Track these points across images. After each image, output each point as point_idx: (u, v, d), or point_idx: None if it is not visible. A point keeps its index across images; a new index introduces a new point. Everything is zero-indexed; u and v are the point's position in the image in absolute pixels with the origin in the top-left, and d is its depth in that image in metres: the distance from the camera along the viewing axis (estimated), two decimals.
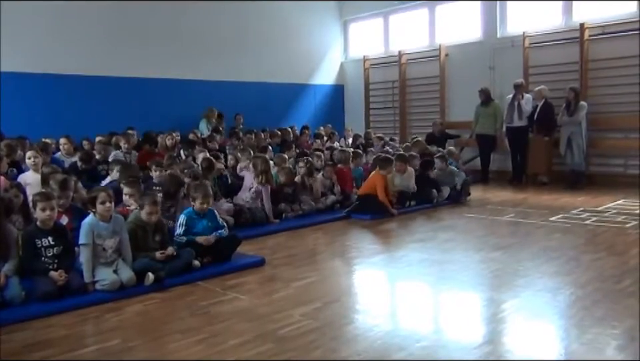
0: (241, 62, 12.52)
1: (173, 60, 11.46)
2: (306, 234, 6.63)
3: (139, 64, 11.01)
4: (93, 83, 10.46)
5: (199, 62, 11.83)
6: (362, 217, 7.31)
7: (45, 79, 9.94)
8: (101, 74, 10.52)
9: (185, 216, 5.15)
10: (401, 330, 3.63)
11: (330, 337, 3.43)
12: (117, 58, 10.72)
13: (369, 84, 14.17)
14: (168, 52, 11.37)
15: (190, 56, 11.71)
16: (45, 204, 4.26)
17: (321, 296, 4.26)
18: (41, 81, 9.90)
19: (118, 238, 4.46)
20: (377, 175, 7.62)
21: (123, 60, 10.81)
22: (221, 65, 12.16)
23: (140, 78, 11.02)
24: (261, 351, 3.20)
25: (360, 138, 11.71)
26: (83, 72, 10.31)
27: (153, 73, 11.16)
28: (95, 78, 10.47)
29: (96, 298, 4.18)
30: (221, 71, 12.15)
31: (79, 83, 10.31)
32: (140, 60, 11.03)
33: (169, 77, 11.39)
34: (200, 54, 11.86)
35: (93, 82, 10.46)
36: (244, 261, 5.15)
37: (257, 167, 7.06)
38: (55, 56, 10.03)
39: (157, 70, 11.21)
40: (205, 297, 4.27)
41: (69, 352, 3.29)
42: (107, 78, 10.62)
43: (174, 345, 3.35)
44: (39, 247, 4.22)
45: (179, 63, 11.53)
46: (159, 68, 11.23)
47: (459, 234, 6.43)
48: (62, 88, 10.12)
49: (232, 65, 12.34)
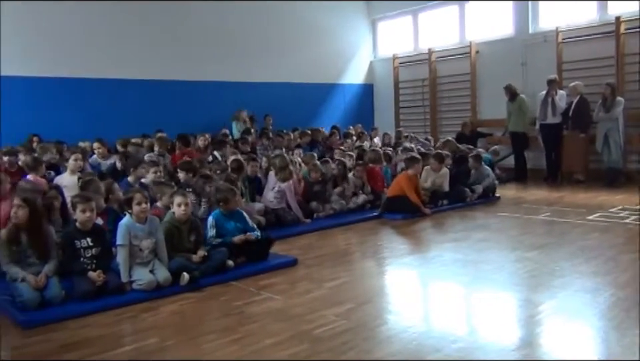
0: (270, 63, 12.59)
1: (203, 62, 11.59)
2: (337, 234, 6.62)
3: (169, 67, 11.16)
4: (124, 86, 10.66)
5: (228, 63, 11.94)
6: (393, 217, 7.26)
7: (79, 83, 10.16)
8: (131, 77, 10.70)
9: (214, 218, 5.20)
10: (435, 331, 3.59)
11: (363, 338, 3.41)
12: (146, 61, 10.90)
13: (398, 82, 14.08)
14: (198, 54, 11.50)
15: (220, 58, 11.83)
16: (85, 205, 4.36)
17: (353, 296, 4.25)
18: (75, 85, 10.12)
19: (154, 238, 4.53)
20: (403, 175, 7.56)
21: (153, 63, 10.98)
22: (251, 66, 12.24)
23: (170, 81, 11.17)
24: (296, 351, 3.21)
25: (388, 137, 11.66)
26: (113, 76, 10.50)
27: (183, 76, 11.31)
28: (125, 82, 10.66)
29: (133, 297, 4.26)
30: (251, 72, 12.23)
31: (110, 86, 10.51)
32: (170, 62, 11.18)
33: (199, 79, 11.52)
34: (230, 56, 11.97)
35: (124, 86, 10.65)
36: (277, 261, 5.18)
37: (275, 165, 7.09)
38: (87, 60, 10.24)
39: (187, 73, 11.35)
40: (239, 297, 4.30)
41: (106, 352, 3.35)
42: (137, 82, 10.80)
43: (209, 345, 3.38)
44: (78, 248, 4.32)
45: (209, 65, 11.65)
46: (189, 70, 11.37)
47: (493, 234, 6.33)
48: (94, 92, 10.33)
49: (262, 66, 12.41)
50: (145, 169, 6.68)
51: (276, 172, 7.10)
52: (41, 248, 4.24)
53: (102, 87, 10.41)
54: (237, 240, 5.06)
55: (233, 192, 5.32)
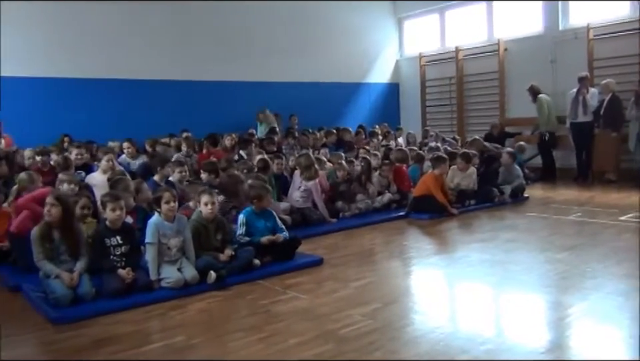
0: (296, 63, 12.62)
1: (228, 63, 11.67)
2: (362, 234, 6.60)
3: (198, 68, 11.27)
4: (153, 87, 10.80)
5: (254, 63, 12.01)
6: (420, 217, 7.21)
7: (108, 84, 10.34)
8: (160, 78, 10.84)
9: (244, 216, 5.23)
10: (462, 332, 3.55)
11: (390, 338, 3.40)
12: (175, 62, 11.02)
13: (424, 81, 13.98)
14: (224, 54, 11.60)
15: (245, 58, 11.90)
16: (115, 204, 4.44)
17: (379, 296, 4.23)
18: (104, 86, 10.30)
19: (182, 237, 4.58)
20: (430, 175, 7.50)
21: (182, 64, 11.10)
22: (277, 66, 12.28)
23: (198, 81, 11.28)
24: (322, 351, 3.21)
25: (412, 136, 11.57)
26: (142, 77, 10.65)
27: (211, 76, 11.41)
28: (154, 82, 10.80)
29: (161, 295, 4.31)
30: (277, 72, 12.27)
31: (139, 87, 10.66)
32: (195, 63, 11.29)
33: (225, 80, 11.62)
34: (256, 56, 12.03)
35: (153, 86, 10.79)
36: (303, 260, 5.19)
37: (300, 164, 7.11)
38: (116, 61, 10.41)
39: (213, 73, 11.45)
40: (265, 296, 4.32)
41: (136, 348, 3.41)
42: (166, 82, 10.93)
43: (235, 343, 3.41)
44: (107, 246, 4.40)
45: (234, 65, 11.73)
46: (215, 71, 11.46)
47: (521, 234, 6.24)
48: (123, 93, 10.50)
49: (287, 66, 12.45)
50: (171, 168, 6.77)
51: (301, 171, 7.12)
52: (73, 246, 4.32)
53: (131, 88, 10.57)
54: (265, 240, 5.09)
55: (266, 190, 5.36)
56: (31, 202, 5.21)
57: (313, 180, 7.01)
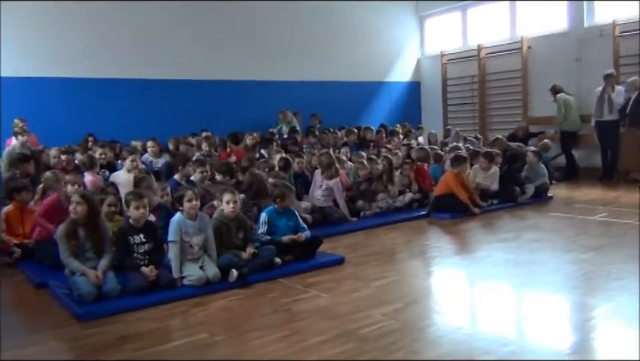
0: (317, 62, 12.62)
1: (249, 62, 11.72)
2: (383, 233, 6.58)
3: (217, 68, 11.33)
4: (174, 87, 10.89)
5: (274, 63, 12.04)
6: (441, 216, 7.16)
7: (131, 84, 10.46)
8: (181, 78, 10.93)
9: (267, 215, 5.25)
10: (485, 333, 3.52)
11: (412, 338, 3.38)
12: (194, 62, 11.09)
13: (446, 80, 13.86)
14: (244, 54, 11.64)
15: (266, 58, 11.93)
16: (138, 202, 4.49)
17: (401, 296, 4.21)
18: (127, 86, 10.42)
19: (204, 235, 4.61)
20: (450, 174, 7.45)
21: (202, 64, 11.17)
22: (297, 65, 12.30)
23: (220, 81, 11.35)
24: (343, 350, 3.20)
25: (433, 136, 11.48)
26: (164, 77, 10.75)
27: (230, 75, 11.47)
28: (175, 82, 10.90)
29: (183, 292, 4.35)
30: (298, 71, 12.29)
31: (160, 87, 10.76)
32: (217, 63, 11.35)
33: (246, 79, 11.66)
34: (276, 55, 12.06)
35: (174, 86, 10.89)
36: (323, 259, 5.19)
37: (322, 163, 7.10)
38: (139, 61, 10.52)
39: (234, 73, 11.51)
40: (286, 294, 4.33)
41: (159, 345, 3.44)
42: (187, 82, 11.02)
43: (257, 341, 3.42)
44: (131, 244, 4.45)
45: (255, 65, 11.78)
46: (236, 70, 11.52)
47: (545, 234, 6.15)
48: (146, 93, 10.61)
49: (308, 65, 12.46)
50: (192, 168, 6.84)
51: (322, 169, 7.12)
52: (98, 243, 4.39)
53: (154, 88, 10.68)
54: (287, 239, 5.10)
55: (289, 189, 5.38)
56: (41, 219, 5.46)
57: (333, 178, 7.01)
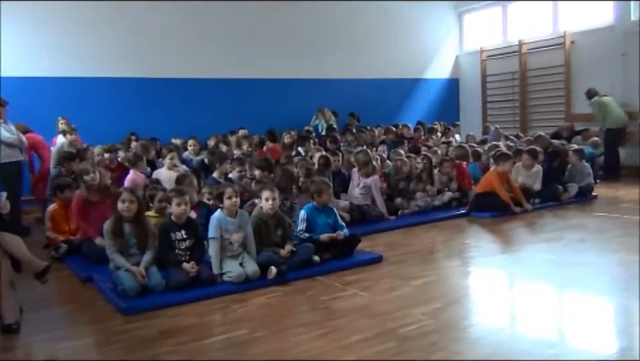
0: (354, 60, 12.57)
1: (287, 61, 11.75)
2: (422, 232, 6.51)
3: (254, 66, 11.40)
4: (212, 86, 11.01)
5: (312, 61, 12.05)
6: (481, 215, 7.05)
7: (171, 83, 10.63)
8: (218, 76, 11.04)
9: (306, 212, 5.27)
10: (528, 334, 3.44)
11: (452, 338, 3.34)
12: (234, 61, 11.20)
13: (485, 76, 13.62)
14: (282, 52, 11.68)
15: (303, 56, 11.95)
16: (180, 199, 4.57)
17: (440, 295, 4.17)
18: (167, 85, 10.60)
19: (243, 232, 4.66)
20: (492, 172, 7.31)
21: (239, 63, 11.26)
22: (334, 63, 12.28)
23: (256, 79, 11.43)
24: (383, 349, 3.18)
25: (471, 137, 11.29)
26: (202, 76, 10.89)
27: (268, 74, 11.53)
28: (213, 81, 11.01)
29: (223, 289, 4.40)
30: (334, 69, 12.28)
31: (199, 86, 10.90)
32: (255, 61, 11.42)
33: (284, 77, 11.71)
34: (313, 53, 12.07)
35: (212, 85, 11.00)
36: (362, 258, 5.17)
37: (358, 161, 7.07)
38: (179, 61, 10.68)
39: (272, 71, 11.56)
40: (325, 292, 4.34)
41: (201, 340, 3.49)
42: (224, 81, 11.13)
43: (297, 338, 3.43)
44: (173, 240, 4.53)
45: (292, 63, 11.81)
46: (274, 68, 11.57)
47: (590, 234, 5.98)
48: (186, 91, 10.78)
49: (345, 63, 12.43)
50: (231, 166, 6.91)
51: (359, 167, 7.10)
52: (142, 239, 4.48)
53: (193, 87, 10.83)
54: (326, 238, 5.10)
55: (327, 185, 5.38)
56: (82, 223, 5.70)
57: (370, 176, 6.98)
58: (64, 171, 6.95)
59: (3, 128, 7.22)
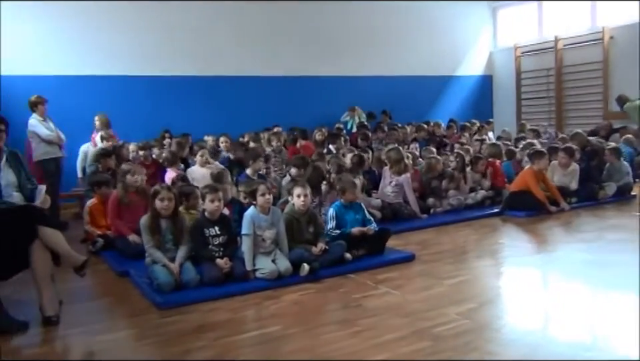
0: (385, 57, 12.52)
1: (318, 58, 11.77)
2: (454, 231, 6.44)
3: (286, 64, 11.46)
4: (244, 83, 11.09)
5: (343, 58, 12.03)
6: (516, 214, 6.93)
7: (204, 81, 10.75)
8: (250, 74, 11.12)
9: (334, 210, 5.27)
10: (563, 336, 3.37)
11: (487, 339, 3.30)
12: (264, 58, 11.26)
13: (520, 73, 13.40)
14: (313, 50, 11.71)
15: (335, 54, 11.94)
16: (213, 195, 4.63)
17: (474, 295, 4.12)
18: (200, 83, 10.72)
19: (276, 229, 4.69)
20: (529, 171, 7.18)
21: (270, 61, 11.32)
22: (365, 60, 12.24)
23: (287, 77, 11.47)
24: (417, 348, 3.16)
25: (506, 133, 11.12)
26: (235, 74, 10.98)
27: (299, 71, 11.57)
28: (245, 79, 11.10)
29: (256, 285, 4.44)
30: (365, 66, 12.24)
31: (232, 84, 10.99)
32: (287, 59, 11.47)
33: (315, 75, 11.73)
34: (344, 51, 12.05)
35: (244, 83, 11.09)
36: (394, 256, 5.15)
37: (390, 158, 7.03)
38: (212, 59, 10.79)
39: (303, 69, 11.60)
40: (357, 290, 4.33)
41: (235, 335, 3.53)
42: (256, 78, 11.20)
43: (329, 335, 3.44)
44: (207, 236, 4.59)
45: (324, 60, 11.82)
46: (305, 66, 11.61)
47: (630, 235, 5.78)
48: (218, 89, 10.88)
49: (377, 60, 12.38)
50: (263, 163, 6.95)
51: (391, 165, 7.06)
52: (178, 235, 4.55)
53: (226, 84, 10.93)
54: (356, 231, 5.09)
55: (352, 184, 5.36)
56: (116, 221, 5.79)
57: (402, 174, 6.94)
58: (100, 167, 7.10)
59: (42, 126, 7.43)
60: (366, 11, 12.27)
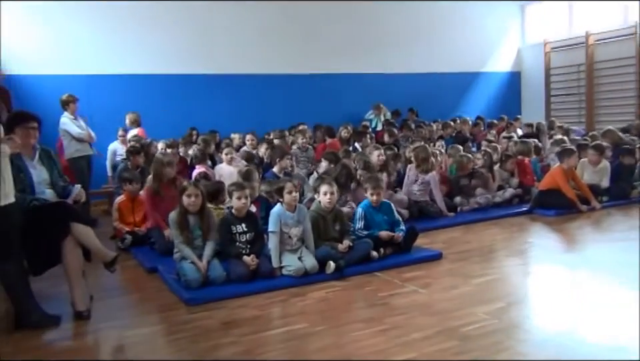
0: (412, 54, 12.43)
1: (345, 55, 11.73)
2: (482, 229, 6.36)
3: (310, 61, 11.45)
4: (270, 81, 11.13)
5: (368, 56, 11.97)
6: (545, 213, 6.81)
7: (230, 79, 10.82)
8: (277, 72, 11.15)
9: (363, 210, 5.24)
10: (595, 338, 3.29)
11: (517, 339, 3.25)
12: (289, 56, 11.28)
13: (549, 69, 13.16)
14: (339, 47, 11.67)
15: (360, 51, 11.89)
16: (240, 193, 4.65)
17: (503, 295, 4.07)
18: (225, 81, 10.80)
19: (302, 227, 4.70)
20: (558, 169, 7.05)
21: (295, 58, 11.34)
22: (392, 58, 12.18)
23: (311, 75, 11.47)
24: (445, 347, 3.13)
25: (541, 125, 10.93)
26: (261, 72, 11.03)
27: (325, 69, 11.56)
28: (271, 77, 11.13)
29: (282, 282, 4.45)
30: (392, 64, 12.17)
31: (259, 81, 11.05)
32: (310, 57, 11.47)
33: (342, 72, 11.70)
34: (369, 48, 11.99)
35: (269, 81, 11.13)
36: (420, 254, 5.11)
37: (417, 157, 6.97)
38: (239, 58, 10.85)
39: (329, 66, 11.57)
40: (383, 288, 4.31)
41: (261, 332, 3.55)
42: (283, 76, 11.23)
43: (356, 333, 3.43)
44: (234, 233, 4.62)
45: (350, 58, 11.77)
46: (332, 63, 11.58)
47: None
48: (244, 87, 10.95)
49: (403, 57, 12.30)
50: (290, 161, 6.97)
51: (417, 163, 6.99)
52: (206, 231, 4.58)
53: (252, 82, 10.99)
54: (385, 235, 5.06)
55: (378, 182, 5.32)
56: (153, 212, 5.82)
57: (429, 172, 6.88)
58: (130, 165, 7.20)
59: (74, 124, 7.58)
60: (392, 9, 12.20)
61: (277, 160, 6.96)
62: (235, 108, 10.78)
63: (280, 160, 6.90)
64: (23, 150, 4.01)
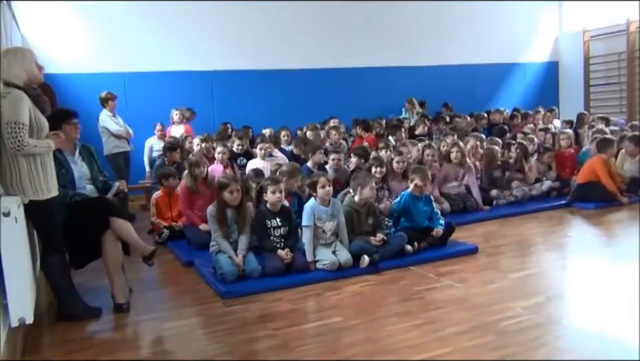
0: (444, 46, 12.19)
1: (375, 49, 11.56)
2: (519, 223, 6.25)
3: (343, 55, 11.35)
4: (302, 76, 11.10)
5: (402, 48, 11.81)
6: (584, 206, 6.65)
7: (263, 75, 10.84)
8: (307, 67, 11.13)
9: (405, 198, 5.21)
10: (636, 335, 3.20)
11: (556, 335, 3.19)
12: (321, 51, 11.21)
13: (588, 58, 12.78)
14: (370, 40, 11.50)
15: (393, 44, 11.72)
16: (275, 187, 4.68)
17: (541, 289, 3.99)
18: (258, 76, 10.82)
19: (336, 221, 4.70)
20: (596, 159, 6.87)
21: (328, 53, 11.25)
22: (424, 50, 11.97)
23: (344, 69, 11.39)
24: (482, 342, 3.10)
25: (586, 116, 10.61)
26: (293, 67, 11.02)
27: (357, 63, 11.45)
28: (303, 72, 11.10)
29: (317, 276, 4.47)
30: (424, 56, 11.97)
31: (291, 77, 11.03)
32: (343, 50, 11.35)
33: (373, 66, 11.59)
34: (402, 40, 11.79)
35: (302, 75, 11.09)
36: (456, 248, 5.06)
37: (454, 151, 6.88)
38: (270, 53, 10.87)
39: (361, 60, 11.46)
40: (418, 282, 4.29)
41: (297, 325, 3.57)
42: (314, 71, 11.18)
43: (391, 328, 3.42)
44: (268, 227, 4.65)
45: (381, 51, 11.61)
46: (362, 57, 11.45)
47: None
48: (277, 82, 10.95)
49: (435, 49, 12.07)
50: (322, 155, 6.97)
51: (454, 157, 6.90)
52: (243, 225, 4.61)
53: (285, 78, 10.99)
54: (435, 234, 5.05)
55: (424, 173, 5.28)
56: (187, 211, 5.97)
57: (464, 165, 6.79)
58: (167, 161, 7.32)
59: (112, 121, 7.75)
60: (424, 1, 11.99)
61: (310, 155, 6.98)
62: (267, 103, 10.80)
63: (313, 155, 6.92)
64: (66, 146, 4.12)
